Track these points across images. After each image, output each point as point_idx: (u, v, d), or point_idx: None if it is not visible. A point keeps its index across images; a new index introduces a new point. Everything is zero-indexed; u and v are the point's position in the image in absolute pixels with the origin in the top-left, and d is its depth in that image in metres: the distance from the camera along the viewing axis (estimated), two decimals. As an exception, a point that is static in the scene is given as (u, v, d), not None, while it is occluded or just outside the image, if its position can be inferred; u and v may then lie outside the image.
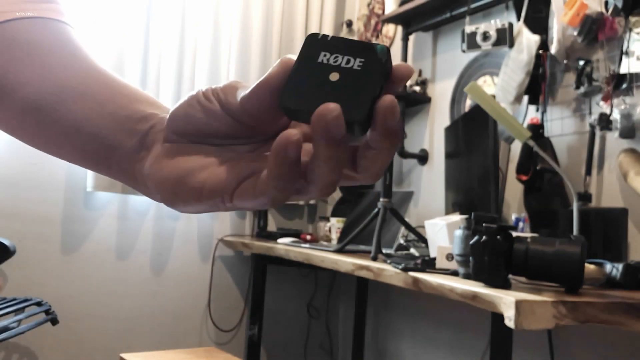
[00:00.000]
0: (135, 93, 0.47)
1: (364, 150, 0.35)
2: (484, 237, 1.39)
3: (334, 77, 0.34)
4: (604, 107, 1.94)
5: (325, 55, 0.35)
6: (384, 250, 2.09)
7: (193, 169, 0.39)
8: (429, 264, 1.75)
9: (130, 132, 0.44)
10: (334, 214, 3.05)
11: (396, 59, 3.02)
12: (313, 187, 0.35)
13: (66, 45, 0.50)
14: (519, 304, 1.23)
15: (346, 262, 1.98)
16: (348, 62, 0.34)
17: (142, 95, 0.47)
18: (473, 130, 2.14)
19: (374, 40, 3.31)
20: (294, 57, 0.36)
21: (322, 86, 0.34)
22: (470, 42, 2.31)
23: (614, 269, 1.54)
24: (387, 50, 0.35)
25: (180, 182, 0.39)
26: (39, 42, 0.49)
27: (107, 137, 0.44)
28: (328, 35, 0.35)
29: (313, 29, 3.28)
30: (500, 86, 2.24)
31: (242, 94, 0.38)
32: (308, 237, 2.83)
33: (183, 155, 0.40)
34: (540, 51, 2.15)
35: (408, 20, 2.86)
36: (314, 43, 0.35)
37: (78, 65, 0.48)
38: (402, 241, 2.33)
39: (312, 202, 3.34)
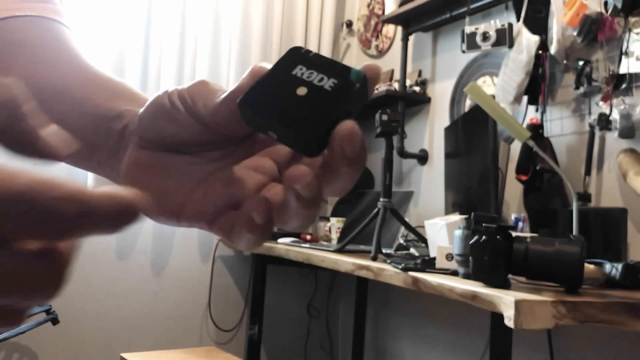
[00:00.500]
0: (117, 88, 0.45)
1: (324, 170, 0.33)
2: (483, 237, 1.40)
3: (302, 91, 0.33)
4: (604, 107, 1.94)
5: (301, 69, 0.33)
6: (383, 250, 2.09)
7: (168, 190, 0.38)
8: (428, 264, 1.75)
9: (107, 132, 0.42)
10: (334, 214, 3.05)
11: (396, 59, 3.03)
12: (291, 224, 0.34)
13: (52, 43, 0.49)
14: (518, 304, 1.23)
15: (346, 262, 1.98)
16: (321, 80, 0.33)
17: (123, 89, 0.45)
18: (473, 130, 2.14)
19: (373, 42, 3.31)
20: (269, 65, 0.35)
21: (287, 98, 0.33)
22: (470, 42, 2.31)
23: (613, 268, 1.55)
24: (363, 77, 0.33)
25: (157, 203, 0.38)
26: (25, 41, 0.48)
27: (88, 138, 0.42)
28: (311, 51, 0.34)
29: (313, 29, 3.28)
30: (500, 86, 2.24)
31: (210, 101, 0.36)
32: (308, 237, 2.83)
33: (155, 171, 0.39)
34: (540, 51, 2.15)
35: (408, 21, 2.86)
36: (294, 55, 0.34)
37: (62, 63, 0.47)
38: (402, 241, 2.33)
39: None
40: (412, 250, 2.17)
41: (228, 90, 0.36)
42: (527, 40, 2.16)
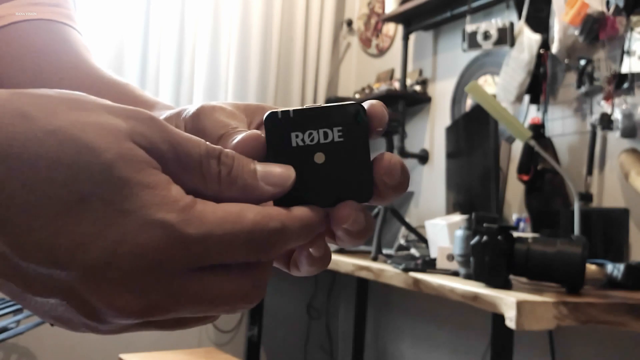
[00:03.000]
0: (123, 90, 0.45)
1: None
2: (484, 238, 1.39)
3: (319, 158, 0.30)
4: (605, 107, 1.93)
5: (297, 137, 0.30)
6: (384, 251, 2.08)
7: None
8: (429, 265, 1.74)
9: None
10: (334, 214, 3.04)
11: (397, 58, 3.02)
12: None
13: (60, 46, 0.49)
14: (520, 305, 1.22)
15: (346, 263, 1.97)
16: (326, 135, 0.30)
17: (129, 92, 0.45)
18: (474, 130, 2.14)
19: (373, 41, 3.30)
20: (260, 133, 0.31)
21: (315, 174, 0.30)
22: (471, 41, 2.30)
23: (615, 269, 1.54)
24: (362, 108, 0.31)
25: None
26: (34, 45, 0.48)
27: None
28: (289, 111, 0.30)
29: (313, 29, 3.27)
30: (501, 86, 2.23)
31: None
32: (308, 237, 2.82)
33: None
34: (541, 50, 2.14)
35: (408, 20, 2.85)
36: (279, 125, 0.30)
37: (69, 67, 0.47)
38: (402, 241, 2.32)
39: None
40: (413, 251, 2.16)
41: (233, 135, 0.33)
42: (529, 39, 2.15)
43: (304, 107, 0.31)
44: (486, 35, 2.26)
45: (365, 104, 0.31)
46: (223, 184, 0.29)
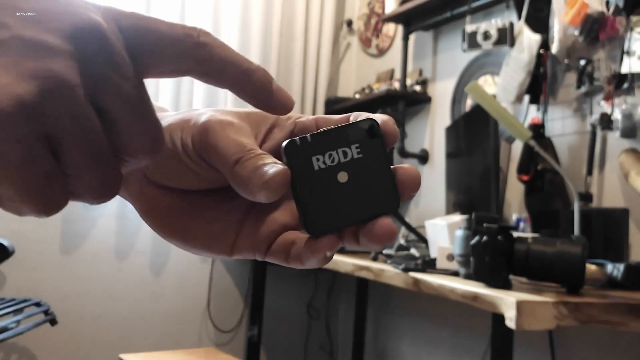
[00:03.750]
0: None
1: None
2: (484, 238, 1.39)
3: (343, 177, 0.31)
4: (605, 107, 1.93)
5: (318, 160, 0.31)
6: (384, 251, 2.08)
7: (215, 235, 0.36)
8: (429, 265, 1.74)
9: None
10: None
11: (397, 58, 3.02)
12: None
13: None
14: (519, 305, 1.22)
15: (346, 263, 1.97)
16: (345, 154, 0.31)
17: None
18: (474, 130, 2.14)
19: (373, 41, 3.30)
20: (285, 167, 0.31)
21: (341, 194, 0.31)
22: (471, 41, 2.30)
23: (615, 269, 1.54)
24: (375, 123, 0.31)
25: (207, 247, 0.37)
26: None
27: None
28: (306, 137, 0.31)
29: (313, 29, 3.27)
30: (501, 86, 2.23)
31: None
32: (308, 237, 2.83)
33: (189, 216, 0.37)
34: (541, 50, 2.14)
35: (408, 20, 2.85)
36: (299, 152, 0.31)
37: None
38: (402, 241, 2.32)
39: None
40: (413, 251, 2.16)
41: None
42: (529, 40, 2.15)
43: (320, 130, 0.31)
44: (486, 36, 2.26)
45: (377, 119, 0.32)
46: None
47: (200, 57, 0.29)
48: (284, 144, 0.31)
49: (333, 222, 0.31)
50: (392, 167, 0.32)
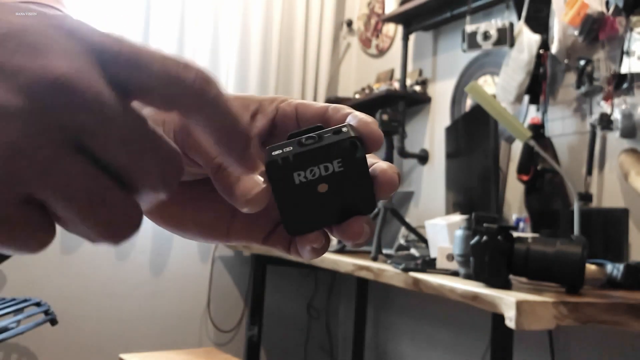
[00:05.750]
0: None
1: None
2: (484, 238, 1.39)
3: (323, 188, 0.32)
4: (605, 107, 1.93)
5: (300, 175, 0.31)
6: (384, 251, 2.08)
7: (211, 224, 0.37)
8: (429, 264, 1.74)
9: None
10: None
11: (397, 58, 3.02)
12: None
13: None
14: (519, 305, 1.22)
15: (346, 263, 1.98)
16: (327, 169, 0.31)
17: None
18: (473, 130, 2.14)
19: (373, 41, 3.30)
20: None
21: (320, 202, 0.32)
22: (471, 41, 2.30)
23: (614, 269, 1.54)
24: (358, 141, 0.32)
25: (203, 234, 0.37)
26: None
27: None
28: (288, 157, 0.31)
29: (313, 29, 3.27)
30: (501, 86, 2.23)
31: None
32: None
33: (183, 205, 0.37)
34: (541, 51, 2.14)
35: (408, 20, 2.85)
36: (281, 170, 0.31)
37: None
38: (402, 241, 2.32)
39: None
40: (413, 251, 2.17)
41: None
42: (528, 40, 2.15)
43: (302, 148, 0.31)
44: (486, 36, 2.26)
45: (362, 126, 0.32)
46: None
47: (190, 107, 0.27)
48: (267, 161, 0.31)
49: (310, 225, 0.33)
50: (371, 168, 0.33)
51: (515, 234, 1.43)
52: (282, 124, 0.36)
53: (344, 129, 0.32)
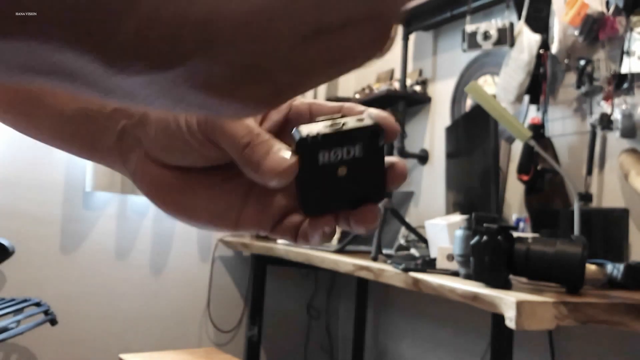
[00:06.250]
0: None
1: None
2: (484, 238, 1.39)
3: (342, 171, 0.34)
4: (605, 107, 1.93)
5: (324, 155, 0.34)
6: (384, 251, 2.08)
7: (219, 212, 0.37)
8: (429, 265, 1.74)
9: (104, 130, 0.39)
10: (334, 214, 3.04)
11: (397, 58, 3.02)
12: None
13: None
14: (519, 305, 1.22)
15: (346, 263, 1.98)
16: (349, 152, 0.34)
17: None
18: (474, 130, 2.14)
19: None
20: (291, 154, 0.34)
21: (337, 185, 0.34)
22: (471, 41, 2.30)
23: (615, 269, 1.54)
24: (380, 129, 0.34)
25: (211, 223, 0.38)
26: None
27: (86, 134, 0.40)
28: (317, 136, 0.33)
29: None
30: (501, 86, 2.23)
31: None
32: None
33: (194, 193, 0.37)
34: (541, 51, 2.14)
35: (409, 20, 2.85)
36: (308, 147, 0.34)
37: None
38: (402, 241, 2.32)
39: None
40: (413, 251, 2.17)
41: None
42: (528, 40, 2.15)
43: (329, 129, 0.34)
44: (486, 36, 2.26)
45: (380, 118, 0.35)
46: None
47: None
48: (297, 138, 0.33)
49: (325, 206, 0.35)
50: (385, 162, 0.35)
51: (515, 234, 1.43)
52: (296, 121, 0.37)
53: (365, 118, 0.34)
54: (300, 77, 0.22)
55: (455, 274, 1.62)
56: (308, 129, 0.34)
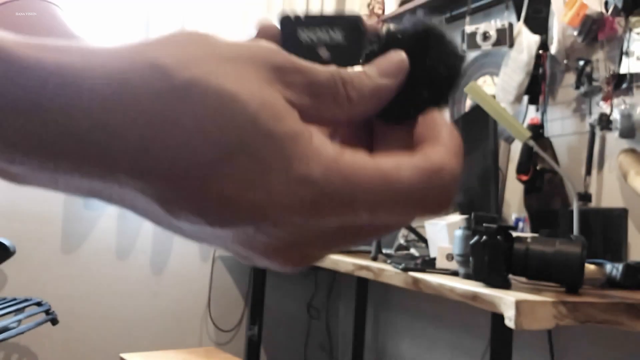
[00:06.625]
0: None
1: None
2: (484, 237, 1.39)
3: (324, 53, 0.34)
4: (604, 107, 1.94)
5: (305, 34, 0.34)
6: (384, 250, 2.09)
7: None
8: (429, 264, 1.75)
9: None
10: (334, 214, 3.04)
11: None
12: None
13: (49, 23, 0.51)
14: (519, 304, 1.23)
15: (346, 262, 1.98)
16: (330, 37, 0.34)
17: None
18: (473, 130, 2.14)
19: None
20: (271, 22, 0.35)
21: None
22: (470, 42, 2.31)
23: (614, 269, 1.54)
24: (361, 19, 0.35)
25: None
26: (25, 22, 0.50)
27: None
28: (299, 15, 0.34)
29: (313, 29, 3.28)
30: (500, 86, 2.24)
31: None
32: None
33: None
34: (540, 51, 2.14)
35: (408, 20, 2.85)
36: (291, 24, 0.34)
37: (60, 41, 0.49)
38: (402, 241, 2.33)
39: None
40: (413, 251, 2.17)
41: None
42: (528, 40, 2.16)
43: (313, 14, 0.35)
44: (485, 36, 2.27)
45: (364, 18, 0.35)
46: (354, 102, 0.29)
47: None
48: (280, 18, 0.34)
49: None
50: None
51: (514, 234, 1.43)
52: None
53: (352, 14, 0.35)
54: (328, 252, 0.29)
55: (454, 273, 1.63)
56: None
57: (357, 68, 0.33)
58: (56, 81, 0.23)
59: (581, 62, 2.02)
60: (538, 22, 2.19)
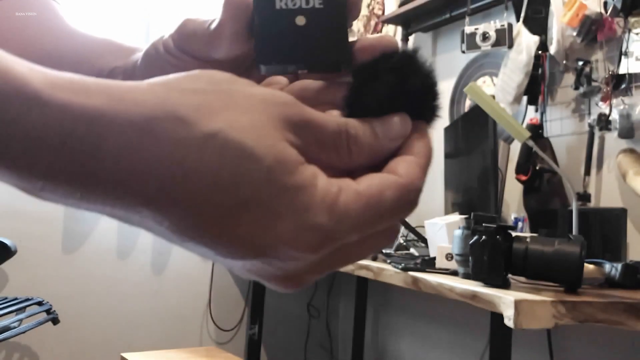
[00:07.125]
0: (105, 45, 0.49)
1: None
2: (483, 237, 1.40)
3: (301, 20, 0.32)
4: (603, 108, 1.94)
5: (281, 0, 0.32)
6: (383, 250, 2.09)
7: None
8: (428, 264, 1.75)
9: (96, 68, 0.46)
10: (333, 214, 3.05)
11: (396, 59, 3.03)
12: None
13: (45, 15, 0.52)
14: (518, 304, 1.23)
15: (346, 262, 1.98)
16: (307, 2, 0.32)
17: (110, 46, 0.48)
18: (472, 130, 2.15)
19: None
20: None
21: (295, 34, 0.33)
22: (470, 42, 2.31)
23: (613, 268, 1.55)
24: None
25: None
26: (22, 15, 0.50)
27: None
28: None
29: (313, 29, 3.28)
30: (500, 86, 2.24)
31: (204, 38, 0.41)
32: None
33: None
34: (540, 52, 2.15)
35: (408, 21, 2.86)
36: None
37: (56, 33, 0.50)
38: (401, 241, 2.33)
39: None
40: (412, 250, 2.18)
41: (212, 23, 0.40)
42: (527, 41, 2.16)
43: None
44: (485, 37, 2.27)
45: None
46: (354, 155, 0.31)
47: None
48: None
49: (280, 57, 0.33)
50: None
51: (513, 234, 1.44)
52: None
53: None
54: (319, 275, 0.31)
55: (454, 273, 1.63)
56: None
57: (340, 34, 0.33)
58: (81, 129, 0.25)
59: (580, 63, 2.02)
60: (537, 23, 2.19)
